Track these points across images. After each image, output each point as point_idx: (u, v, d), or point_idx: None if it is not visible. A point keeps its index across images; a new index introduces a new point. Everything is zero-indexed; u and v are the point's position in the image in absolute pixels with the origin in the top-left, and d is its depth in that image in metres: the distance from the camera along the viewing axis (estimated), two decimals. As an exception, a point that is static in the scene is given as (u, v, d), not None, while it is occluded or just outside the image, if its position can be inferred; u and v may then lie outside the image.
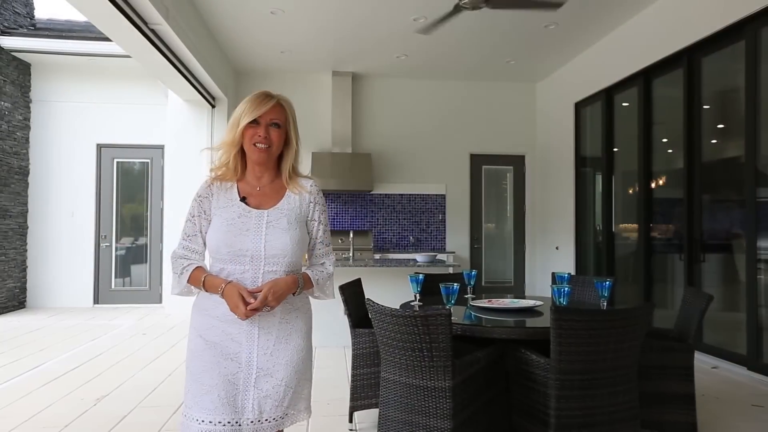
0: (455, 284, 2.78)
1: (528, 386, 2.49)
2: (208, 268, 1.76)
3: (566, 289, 2.71)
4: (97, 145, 8.02)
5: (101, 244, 8.02)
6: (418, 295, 3.08)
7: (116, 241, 8.10)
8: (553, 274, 3.51)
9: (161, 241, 7.97)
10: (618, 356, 2.36)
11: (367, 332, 3.06)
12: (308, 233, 1.83)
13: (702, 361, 4.68)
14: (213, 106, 7.36)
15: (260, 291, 1.64)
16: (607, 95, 6.51)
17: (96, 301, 7.96)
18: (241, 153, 1.78)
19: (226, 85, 7.30)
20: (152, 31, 4.73)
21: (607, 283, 2.93)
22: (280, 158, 1.81)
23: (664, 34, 5.34)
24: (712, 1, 4.68)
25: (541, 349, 2.44)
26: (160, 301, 7.95)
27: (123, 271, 8.12)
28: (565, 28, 6.16)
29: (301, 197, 1.80)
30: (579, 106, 7.22)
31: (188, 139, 7.33)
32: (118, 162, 8.11)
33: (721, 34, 4.63)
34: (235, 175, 1.78)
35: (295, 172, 1.82)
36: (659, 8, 5.43)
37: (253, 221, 1.71)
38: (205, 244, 1.77)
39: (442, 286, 2.77)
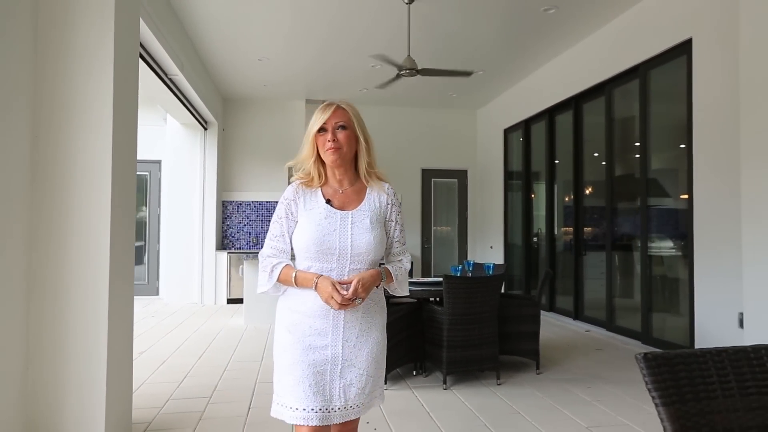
0: (391, 265, 4.36)
1: (432, 325, 4.08)
2: (296, 266, 1.86)
3: (459, 267, 4.32)
4: (102, 159, 9.32)
5: (105, 245, 9.32)
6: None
7: (119, 242, 9.41)
8: (463, 261, 5.14)
9: (158, 243, 9.33)
10: (483, 304, 3.98)
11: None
12: (386, 233, 1.92)
13: (579, 326, 6.41)
14: (205, 129, 8.78)
15: (349, 282, 1.75)
16: (526, 125, 8.23)
17: (101, 293, 9.26)
18: (320, 161, 1.88)
19: (216, 111, 8.74)
20: (170, 80, 6.18)
21: (491, 265, 4.57)
22: (356, 161, 1.91)
23: (560, 83, 7.07)
24: (589, 64, 6.42)
25: (441, 303, 4.03)
26: (158, 293, 9.31)
27: (124, 267, 9.44)
28: (490, 74, 7.85)
29: (380, 198, 1.90)
30: (507, 132, 8.94)
31: (183, 156, 8.74)
32: (120, 174, 9.43)
33: (593, 89, 6.38)
34: (319, 181, 1.89)
35: (372, 168, 1.92)
36: (556, 64, 7.17)
37: (338, 222, 1.81)
38: (290, 244, 1.87)
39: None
